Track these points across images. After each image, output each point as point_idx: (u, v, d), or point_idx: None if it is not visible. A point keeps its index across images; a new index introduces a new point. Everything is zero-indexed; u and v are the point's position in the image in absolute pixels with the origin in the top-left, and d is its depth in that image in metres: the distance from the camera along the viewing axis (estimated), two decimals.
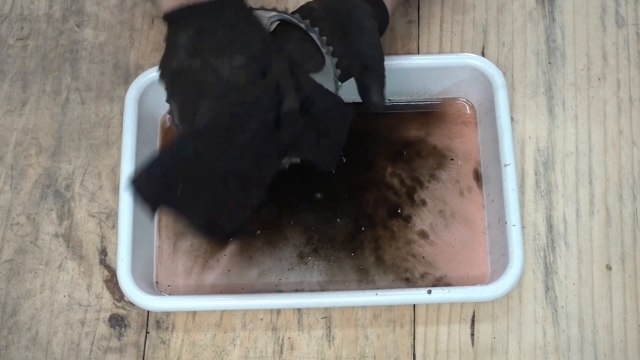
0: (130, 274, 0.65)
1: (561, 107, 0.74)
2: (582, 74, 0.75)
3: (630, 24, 0.77)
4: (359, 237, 0.70)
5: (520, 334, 0.68)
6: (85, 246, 0.72)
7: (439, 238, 0.70)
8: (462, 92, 0.73)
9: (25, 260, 0.71)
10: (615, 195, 0.71)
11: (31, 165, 0.74)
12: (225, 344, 0.68)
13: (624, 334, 0.67)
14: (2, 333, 0.69)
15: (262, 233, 0.71)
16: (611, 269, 0.69)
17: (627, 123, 0.73)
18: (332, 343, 0.68)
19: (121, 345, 0.69)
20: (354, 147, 0.72)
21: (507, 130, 0.67)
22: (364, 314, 0.68)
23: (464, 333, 0.68)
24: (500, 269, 0.65)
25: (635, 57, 0.75)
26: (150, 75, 0.71)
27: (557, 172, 0.72)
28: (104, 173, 0.74)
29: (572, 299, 0.68)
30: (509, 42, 0.76)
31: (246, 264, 0.70)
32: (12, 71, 0.78)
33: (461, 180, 0.71)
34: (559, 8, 0.77)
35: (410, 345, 0.67)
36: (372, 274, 0.69)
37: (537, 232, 0.70)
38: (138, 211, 0.67)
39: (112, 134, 0.75)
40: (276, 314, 0.69)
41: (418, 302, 0.68)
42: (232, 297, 0.67)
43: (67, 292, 0.70)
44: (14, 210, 0.73)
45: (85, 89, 0.77)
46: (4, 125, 0.76)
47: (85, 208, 0.73)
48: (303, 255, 0.70)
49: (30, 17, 0.79)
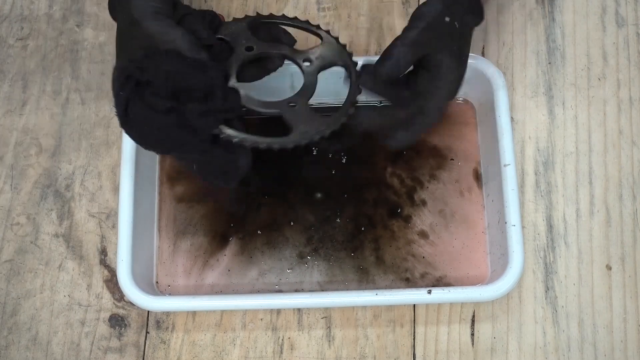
0: (130, 274, 0.65)
1: (561, 107, 0.74)
2: (582, 74, 0.75)
3: (630, 24, 0.77)
4: (359, 237, 0.70)
5: (520, 334, 0.68)
6: (85, 246, 0.72)
7: (439, 238, 0.70)
8: (462, 92, 0.73)
9: (25, 260, 0.71)
10: (615, 195, 0.71)
11: (31, 165, 0.74)
12: (225, 344, 0.68)
13: (624, 334, 0.67)
14: (2, 333, 0.69)
15: (262, 233, 0.71)
16: (611, 269, 0.69)
17: (627, 123, 0.73)
18: (332, 343, 0.68)
19: (121, 345, 0.69)
20: (354, 147, 0.72)
21: (507, 130, 0.67)
22: (364, 314, 0.68)
23: (464, 333, 0.68)
24: (500, 269, 0.65)
25: (635, 57, 0.75)
26: None
27: (557, 172, 0.72)
28: (104, 173, 0.74)
29: (572, 299, 0.68)
30: (509, 42, 0.76)
31: (246, 264, 0.70)
32: (12, 71, 0.78)
33: (461, 180, 0.71)
34: (559, 8, 0.77)
35: (410, 346, 0.67)
36: (372, 274, 0.69)
37: (537, 232, 0.70)
38: (138, 211, 0.67)
39: (112, 134, 0.75)
40: (276, 314, 0.69)
41: (418, 302, 0.68)
42: (232, 297, 0.67)
43: (67, 292, 0.70)
44: (14, 210, 0.73)
45: (85, 89, 0.77)
46: (4, 125, 0.76)
47: (85, 208, 0.73)
48: (303, 255, 0.70)
49: (30, 17, 0.79)
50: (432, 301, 0.65)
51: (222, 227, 0.71)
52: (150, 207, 0.71)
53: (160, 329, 0.69)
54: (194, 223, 0.72)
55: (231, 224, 0.71)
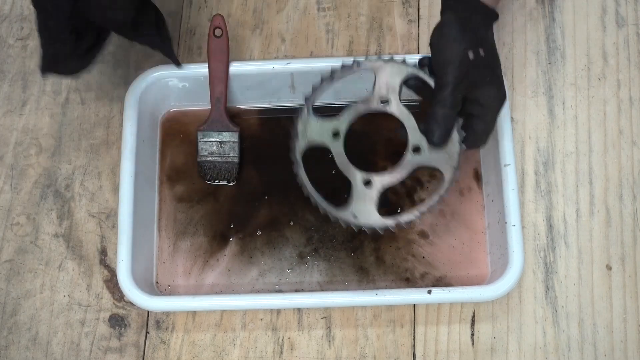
0: (130, 274, 0.65)
1: (561, 107, 0.74)
2: (582, 74, 0.75)
3: (630, 24, 0.77)
4: (359, 237, 0.70)
5: (520, 334, 0.67)
6: (85, 246, 0.72)
7: (439, 238, 0.70)
8: None
9: (25, 260, 0.71)
10: (615, 195, 0.71)
11: (31, 165, 0.74)
12: (225, 344, 0.68)
13: (624, 334, 0.67)
14: (2, 333, 0.69)
15: (262, 233, 0.71)
16: (611, 269, 0.69)
17: (627, 123, 0.73)
18: (332, 343, 0.68)
19: (121, 345, 0.69)
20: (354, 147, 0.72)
21: (507, 130, 0.67)
22: (364, 314, 0.68)
23: (464, 333, 0.68)
24: (500, 269, 0.65)
25: (635, 57, 0.75)
26: (151, 75, 0.71)
27: (557, 172, 0.72)
28: (104, 173, 0.74)
29: (572, 299, 0.68)
30: (509, 42, 0.76)
31: (246, 264, 0.70)
32: (12, 71, 0.78)
33: (461, 180, 0.71)
34: (559, 8, 0.77)
35: (410, 345, 0.67)
36: (372, 274, 0.69)
37: (537, 232, 0.70)
38: (138, 211, 0.67)
39: (112, 134, 0.75)
40: (276, 314, 0.69)
41: (418, 302, 0.68)
42: (232, 297, 0.67)
43: (67, 292, 0.70)
44: (14, 210, 0.73)
45: (85, 89, 0.77)
46: (4, 125, 0.76)
47: (85, 208, 0.73)
48: (303, 255, 0.70)
49: (30, 17, 0.79)
50: (432, 301, 0.65)
51: (222, 227, 0.71)
52: (150, 207, 0.71)
53: (160, 329, 0.69)
54: (194, 223, 0.72)
55: (231, 224, 0.71)
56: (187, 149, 0.74)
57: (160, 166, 0.73)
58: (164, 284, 0.70)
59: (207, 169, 0.72)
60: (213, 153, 0.72)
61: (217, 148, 0.72)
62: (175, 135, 0.75)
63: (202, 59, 0.77)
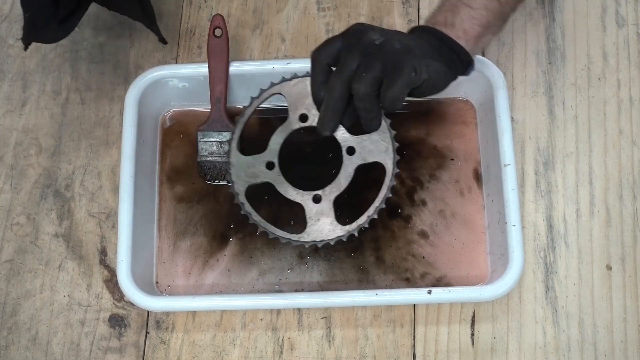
0: (130, 274, 0.65)
1: (561, 107, 0.74)
2: (582, 74, 0.75)
3: (630, 24, 0.77)
4: (359, 237, 0.70)
5: (520, 334, 0.67)
6: (85, 246, 0.72)
7: (439, 238, 0.70)
8: (462, 92, 0.73)
9: (25, 260, 0.71)
10: (615, 195, 0.71)
11: (31, 165, 0.74)
12: (225, 344, 0.68)
13: (624, 334, 0.67)
14: (2, 333, 0.69)
15: (262, 233, 0.71)
16: (611, 269, 0.69)
17: (627, 123, 0.73)
18: (332, 343, 0.68)
19: (121, 345, 0.69)
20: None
21: (507, 130, 0.67)
22: (364, 314, 0.68)
23: (464, 333, 0.68)
24: (500, 269, 0.65)
25: (635, 57, 0.75)
26: (150, 75, 0.71)
27: (557, 172, 0.72)
28: (103, 173, 0.74)
29: (572, 299, 0.68)
30: (509, 42, 0.76)
31: (246, 264, 0.70)
32: (12, 71, 0.78)
33: (461, 180, 0.71)
34: (559, 8, 0.77)
35: (410, 346, 0.67)
36: (372, 274, 0.69)
37: (537, 232, 0.70)
38: (138, 211, 0.67)
39: (112, 134, 0.75)
40: (276, 314, 0.69)
41: (418, 302, 0.68)
42: (232, 297, 0.67)
43: (67, 292, 0.70)
44: (14, 210, 0.73)
45: (85, 89, 0.77)
46: (4, 125, 0.76)
47: (85, 208, 0.73)
48: (303, 255, 0.70)
49: None
50: (432, 301, 0.65)
51: (222, 227, 0.71)
52: (150, 207, 0.71)
53: (160, 329, 0.69)
54: (194, 223, 0.72)
55: (231, 224, 0.71)
56: (187, 149, 0.74)
57: (160, 166, 0.73)
58: (164, 284, 0.70)
59: (207, 169, 0.72)
60: (213, 153, 0.72)
61: (217, 148, 0.72)
62: (175, 135, 0.75)
63: (202, 59, 0.77)
